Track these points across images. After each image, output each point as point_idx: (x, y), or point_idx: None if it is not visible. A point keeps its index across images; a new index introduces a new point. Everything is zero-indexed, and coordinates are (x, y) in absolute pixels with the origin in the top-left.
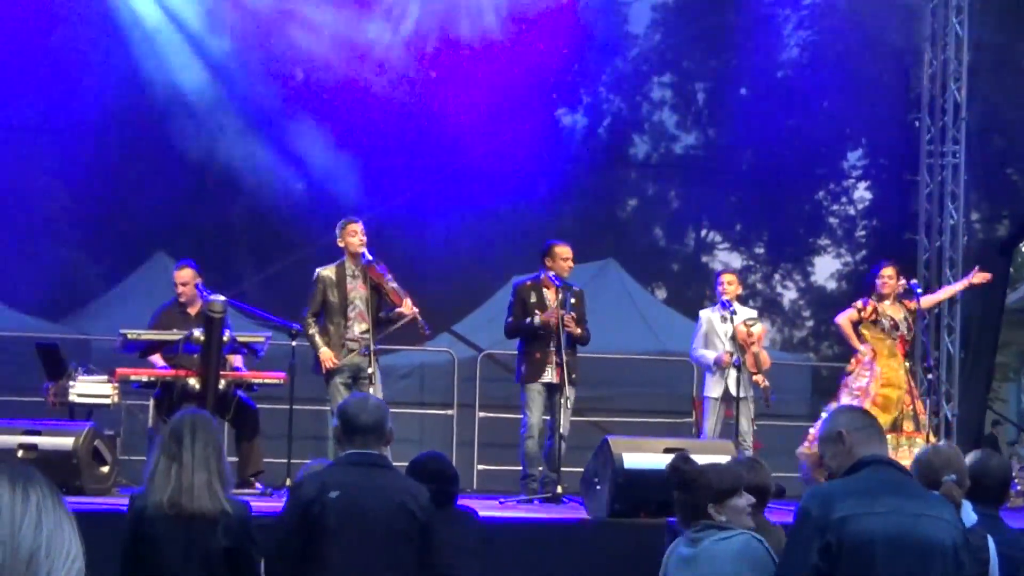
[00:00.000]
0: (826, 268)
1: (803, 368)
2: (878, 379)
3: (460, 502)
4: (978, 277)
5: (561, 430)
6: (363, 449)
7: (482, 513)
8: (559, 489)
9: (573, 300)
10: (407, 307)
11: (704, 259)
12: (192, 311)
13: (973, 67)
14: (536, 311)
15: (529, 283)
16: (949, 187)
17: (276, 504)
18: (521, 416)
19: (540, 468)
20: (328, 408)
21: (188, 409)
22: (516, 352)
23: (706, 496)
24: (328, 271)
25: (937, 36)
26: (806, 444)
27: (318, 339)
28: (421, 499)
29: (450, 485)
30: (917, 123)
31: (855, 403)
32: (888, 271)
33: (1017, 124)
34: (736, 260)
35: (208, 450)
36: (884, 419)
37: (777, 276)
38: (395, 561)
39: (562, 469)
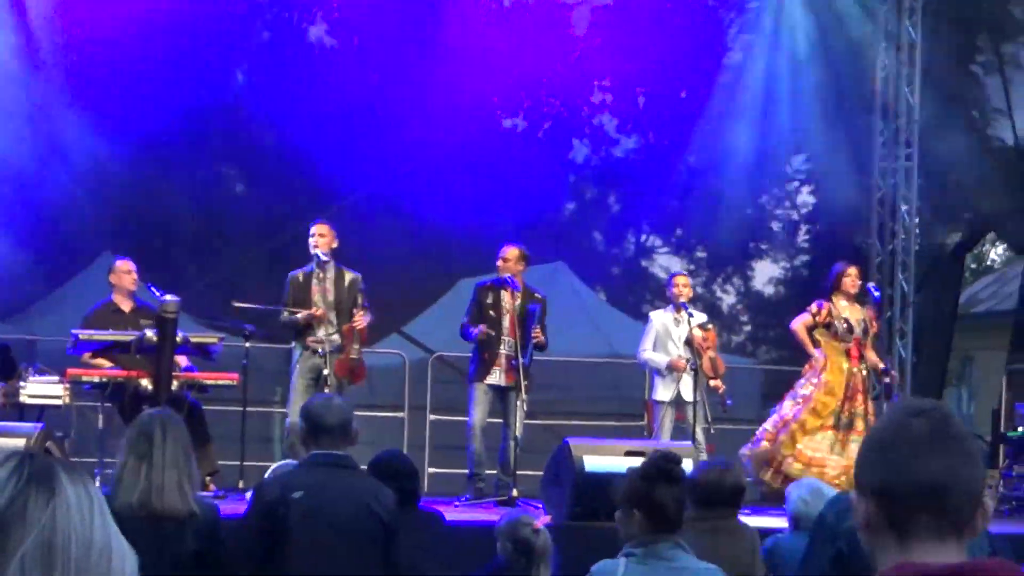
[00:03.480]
0: (765, 273)
1: (753, 371)
2: (821, 387)
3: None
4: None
5: (516, 433)
6: (329, 450)
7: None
8: (515, 492)
9: (540, 308)
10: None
11: (644, 263)
12: (126, 308)
13: (926, 69)
14: (491, 312)
15: (489, 284)
16: (902, 190)
17: (230, 506)
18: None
19: (488, 470)
20: (276, 410)
21: (156, 409)
22: (470, 354)
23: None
24: (298, 274)
25: (890, 38)
26: (749, 446)
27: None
28: (386, 500)
29: (412, 483)
30: (870, 126)
31: (792, 410)
32: (854, 270)
33: (970, 127)
34: (676, 264)
35: (178, 449)
36: (813, 423)
37: (718, 280)
38: (360, 562)
39: (517, 472)
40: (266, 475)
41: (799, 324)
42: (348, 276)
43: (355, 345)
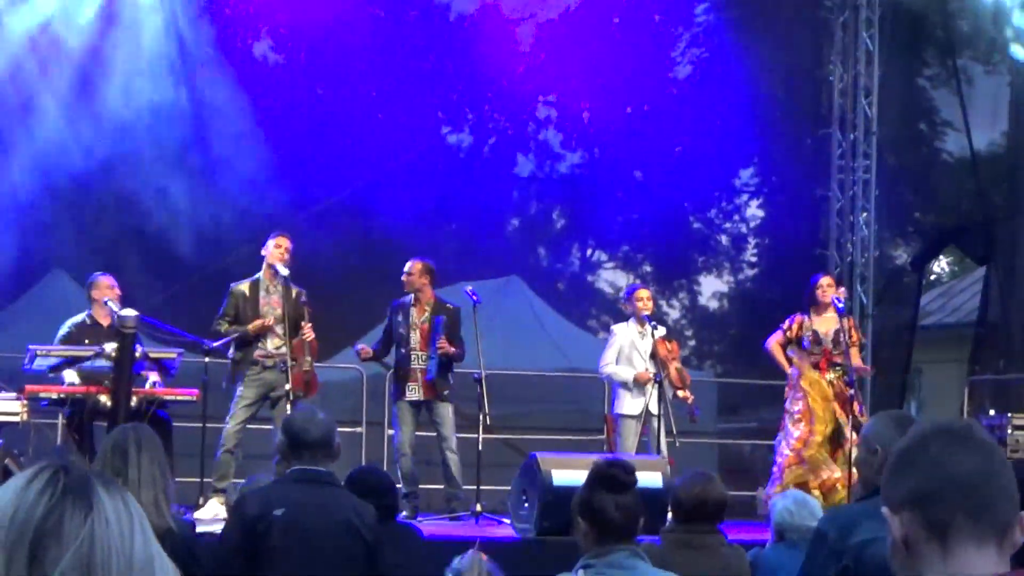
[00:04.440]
0: (711, 287)
1: (710, 384)
2: (810, 394)
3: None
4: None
5: (449, 445)
6: (310, 466)
7: None
8: (478, 507)
9: (445, 318)
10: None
11: (589, 278)
12: (105, 323)
13: (880, 83)
14: (401, 330)
15: (400, 303)
16: (860, 202)
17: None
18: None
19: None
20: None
21: (130, 423)
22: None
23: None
24: (242, 286)
25: (848, 51)
26: (772, 486)
27: (235, 329)
28: (367, 517)
29: (390, 499)
30: (828, 138)
31: (799, 427)
32: (825, 280)
33: (921, 140)
34: (622, 279)
35: (154, 466)
36: (823, 430)
37: (664, 294)
38: None
39: (481, 488)
40: (240, 489)
41: (773, 343)
42: (294, 291)
43: (307, 357)
